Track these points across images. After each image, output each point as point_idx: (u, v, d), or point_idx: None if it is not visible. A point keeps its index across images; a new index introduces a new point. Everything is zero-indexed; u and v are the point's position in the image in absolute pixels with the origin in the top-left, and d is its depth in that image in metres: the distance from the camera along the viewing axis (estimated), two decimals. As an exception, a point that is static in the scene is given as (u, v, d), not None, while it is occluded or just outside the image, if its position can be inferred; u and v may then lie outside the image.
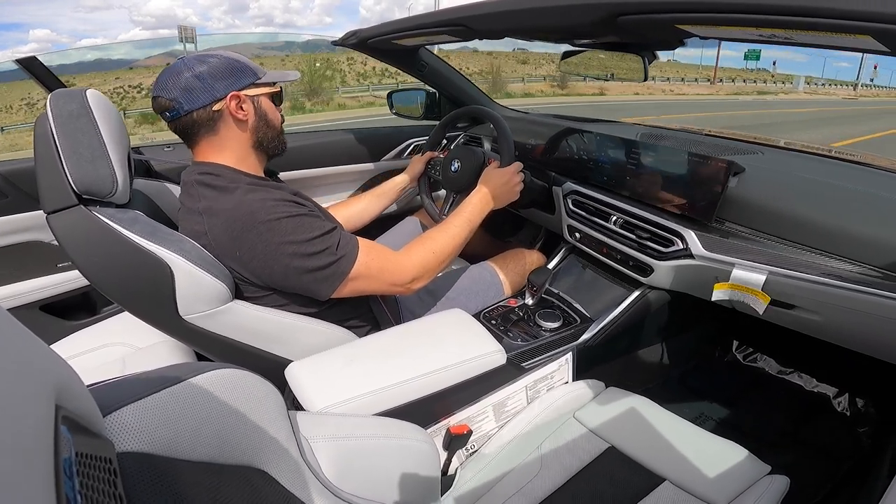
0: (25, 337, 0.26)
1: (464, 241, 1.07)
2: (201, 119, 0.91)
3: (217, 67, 0.90)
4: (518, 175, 1.17)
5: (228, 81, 0.91)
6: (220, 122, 0.92)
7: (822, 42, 0.61)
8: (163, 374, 0.42)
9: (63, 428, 0.25)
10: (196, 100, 0.89)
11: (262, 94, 0.96)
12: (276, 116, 1.01)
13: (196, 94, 0.89)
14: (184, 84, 0.88)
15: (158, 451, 0.37)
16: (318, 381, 0.83)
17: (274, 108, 1.00)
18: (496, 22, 1.00)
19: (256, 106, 0.95)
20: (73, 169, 0.83)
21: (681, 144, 1.19)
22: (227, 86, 0.91)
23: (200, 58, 0.91)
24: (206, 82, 0.89)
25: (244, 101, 0.92)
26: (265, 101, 0.97)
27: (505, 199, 1.16)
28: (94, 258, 0.86)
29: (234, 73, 0.92)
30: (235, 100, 0.91)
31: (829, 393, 1.37)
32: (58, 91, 0.88)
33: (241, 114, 0.93)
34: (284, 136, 1.05)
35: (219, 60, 0.91)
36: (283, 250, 0.87)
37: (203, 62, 0.90)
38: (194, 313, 0.90)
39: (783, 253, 0.87)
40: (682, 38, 0.80)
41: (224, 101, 0.91)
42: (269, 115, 0.98)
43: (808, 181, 1.01)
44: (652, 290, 1.15)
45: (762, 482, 0.80)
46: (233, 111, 0.92)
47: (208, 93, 0.89)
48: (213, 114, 0.91)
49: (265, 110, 0.97)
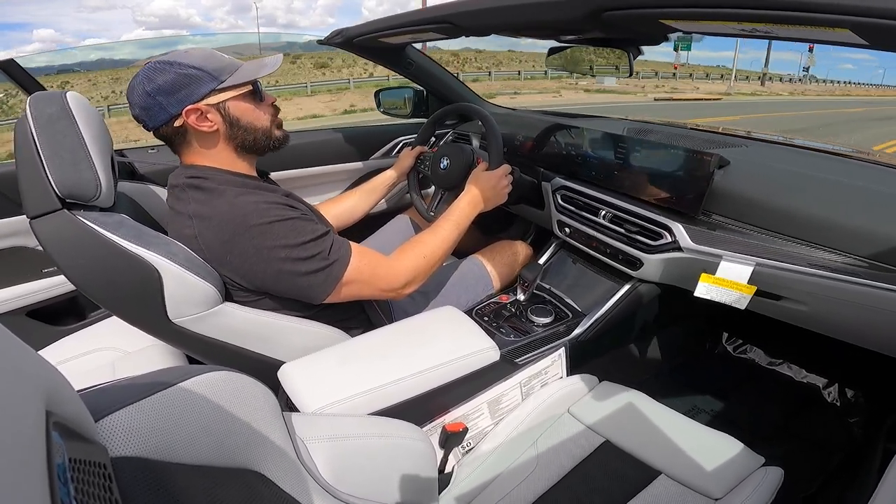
0: (13, 342, 0.26)
1: (453, 245, 1.08)
2: (168, 134, 0.89)
3: (165, 84, 0.83)
4: (506, 178, 1.17)
5: (180, 96, 0.84)
6: (189, 134, 0.89)
7: (801, 35, 0.62)
8: (154, 379, 0.41)
9: (55, 434, 0.25)
10: (154, 118, 0.86)
11: (229, 99, 0.89)
12: (256, 116, 0.93)
13: (152, 112, 0.85)
14: (139, 102, 0.85)
15: (153, 455, 0.36)
16: (311, 381, 0.83)
17: (251, 108, 0.93)
18: (482, 18, 1.00)
19: (224, 113, 0.89)
20: (55, 173, 0.81)
21: (667, 138, 1.20)
22: (179, 101, 0.84)
23: (152, 71, 0.84)
24: (158, 100, 0.84)
25: (207, 112, 0.87)
26: (235, 104, 0.90)
27: (493, 202, 1.15)
28: (80, 263, 0.85)
29: (187, 86, 0.84)
30: (195, 113, 0.86)
31: (818, 383, 1.40)
32: (37, 94, 0.87)
33: (207, 125, 0.88)
34: (277, 129, 0.98)
35: (169, 75, 0.84)
36: (275, 254, 0.86)
37: (152, 78, 0.84)
38: (184, 316, 0.89)
39: (770, 244, 0.88)
40: (667, 32, 0.81)
41: (181, 118, 0.86)
42: (244, 119, 0.92)
43: (792, 173, 1.02)
44: (642, 284, 1.16)
45: (757, 474, 0.81)
46: (194, 125, 0.87)
47: (163, 111, 0.85)
48: (178, 129, 0.87)
49: (236, 115, 0.90)
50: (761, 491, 0.77)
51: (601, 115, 1.71)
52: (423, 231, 1.08)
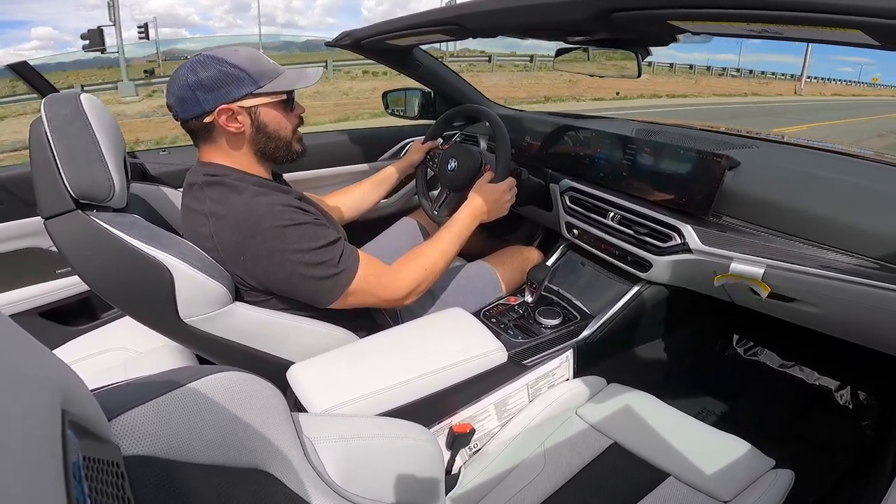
0: (29, 343, 0.26)
1: (454, 255, 1.08)
2: (196, 128, 0.90)
3: (209, 78, 0.84)
4: (509, 192, 1.16)
5: (219, 93, 0.85)
6: (215, 132, 0.90)
7: (812, 36, 0.62)
8: (166, 378, 0.42)
9: (70, 432, 0.25)
10: (187, 110, 0.87)
11: (261, 105, 0.90)
12: (282, 125, 0.94)
13: (187, 104, 0.86)
14: (177, 92, 0.86)
15: (164, 454, 0.37)
16: (320, 382, 0.83)
17: (280, 116, 0.94)
18: (489, 20, 1.00)
19: (254, 117, 0.90)
20: (69, 174, 0.83)
21: (676, 139, 1.19)
22: (216, 98, 0.85)
23: (197, 64, 0.85)
24: (196, 94, 0.85)
25: (238, 114, 0.88)
26: (266, 111, 0.91)
27: (494, 215, 1.15)
28: (93, 263, 0.86)
29: (228, 84, 0.86)
30: (226, 113, 0.87)
31: (830, 386, 1.38)
32: (51, 95, 0.88)
33: (235, 126, 0.88)
34: (298, 142, 0.99)
35: (213, 70, 0.85)
36: (287, 258, 0.87)
37: (196, 71, 0.85)
38: (195, 316, 0.90)
39: (781, 246, 0.87)
40: (676, 33, 0.81)
41: (213, 115, 0.87)
42: (271, 126, 0.93)
43: (803, 174, 1.02)
44: (651, 286, 1.15)
45: (767, 476, 0.80)
46: (223, 124, 0.87)
47: (197, 105, 0.86)
48: (206, 125, 0.89)
49: (264, 121, 0.92)
50: (771, 493, 0.76)
51: (609, 117, 1.70)
52: (425, 243, 1.08)
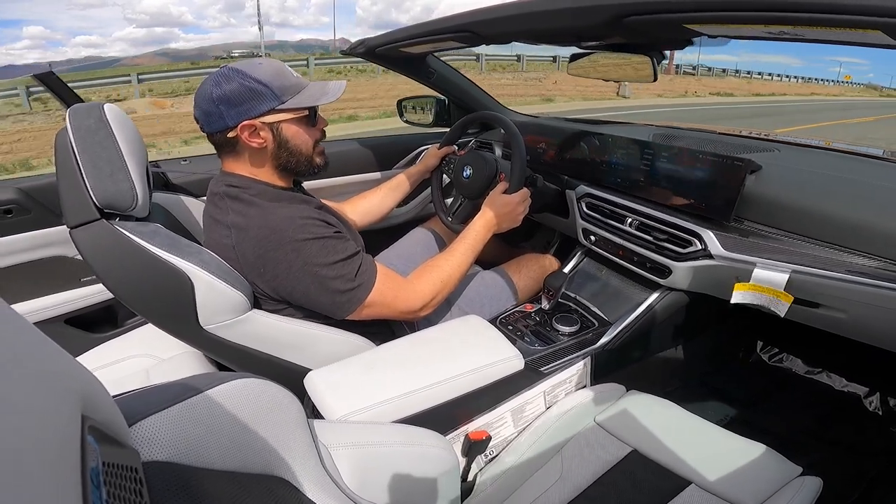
0: (52, 349, 0.27)
1: (468, 266, 1.09)
2: (220, 141, 0.92)
3: (232, 93, 0.85)
4: (522, 204, 1.15)
5: (241, 109, 0.86)
6: (238, 146, 0.92)
7: (830, 38, 0.60)
8: (185, 384, 0.42)
9: (90, 438, 0.25)
10: (211, 124, 0.89)
11: (283, 121, 0.91)
12: (304, 141, 0.95)
13: (211, 118, 0.88)
14: (203, 105, 0.88)
15: (182, 461, 0.37)
16: (336, 389, 0.84)
17: (302, 132, 0.94)
18: (502, 26, 1.01)
19: (276, 133, 0.91)
20: (93, 183, 0.85)
21: (695, 144, 1.17)
22: (238, 114, 0.87)
23: (222, 77, 0.87)
24: (220, 108, 0.86)
25: (261, 129, 0.89)
26: (288, 126, 0.92)
27: (507, 226, 1.14)
28: (117, 271, 0.88)
29: (249, 100, 0.86)
30: (249, 129, 0.88)
31: (859, 392, 1.34)
32: (76, 105, 0.91)
33: (257, 142, 0.90)
34: (320, 156, 1.00)
35: (236, 84, 0.85)
36: (306, 271, 0.88)
37: (220, 84, 0.86)
38: (214, 323, 0.91)
39: (805, 250, 0.85)
40: (691, 37, 0.80)
41: (236, 130, 0.88)
42: (293, 142, 0.93)
43: (827, 177, 0.99)
44: (671, 292, 1.13)
45: (794, 483, 0.78)
46: (245, 140, 0.89)
47: (221, 120, 0.87)
48: (230, 139, 0.90)
49: (287, 137, 0.92)
50: (798, 501, 0.74)
51: (625, 122, 1.69)
52: (440, 255, 1.09)
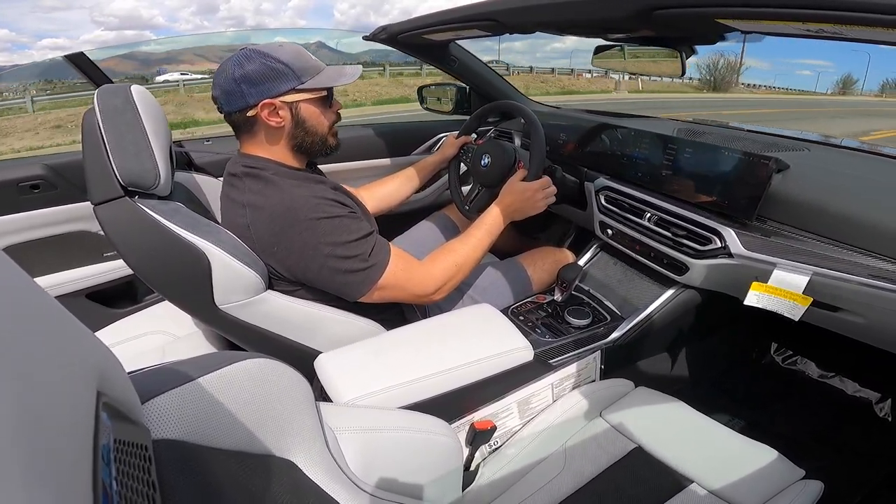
0: (72, 325, 0.28)
1: (484, 252, 1.08)
2: (239, 121, 0.93)
3: (254, 73, 0.87)
4: (542, 192, 1.13)
5: (263, 88, 0.88)
6: (257, 125, 0.93)
7: (872, 37, 0.58)
8: (198, 363, 0.43)
9: (104, 415, 0.26)
10: (231, 103, 0.90)
11: (302, 101, 0.93)
12: (320, 121, 0.97)
13: (232, 98, 0.89)
14: (223, 85, 0.89)
15: (191, 439, 0.38)
16: (345, 372, 0.85)
17: (318, 112, 0.97)
18: (527, 15, 0.99)
19: (294, 113, 0.93)
20: (118, 162, 0.87)
21: (721, 140, 1.14)
22: (259, 93, 0.88)
23: (243, 58, 0.88)
24: (241, 87, 0.88)
25: (280, 108, 0.91)
26: (306, 106, 0.94)
27: (526, 213, 1.13)
28: (137, 247, 0.90)
29: (272, 79, 0.88)
30: (269, 108, 0.90)
31: (871, 398, 1.31)
32: (105, 86, 0.92)
33: (276, 120, 0.91)
34: (333, 137, 1.02)
35: (257, 64, 0.87)
36: (319, 250, 0.89)
37: (242, 64, 0.87)
38: (229, 303, 0.93)
39: (829, 253, 0.83)
40: (722, 32, 0.77)
41: (256, 109, 0.90)
42: (309, 122, 0.96)
43: (856, 178, 0.96)
44: (686, 290, 1.12)
45: (795, 487, 0.78)
46: (265, 119, 0.91)
47: (241, 99, 0.89)
48: (249, 118, 0.92)
49: (304, 117, 0.95)
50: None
51: (648, 115, 1.65)
52: (456, 239, 1.08)
